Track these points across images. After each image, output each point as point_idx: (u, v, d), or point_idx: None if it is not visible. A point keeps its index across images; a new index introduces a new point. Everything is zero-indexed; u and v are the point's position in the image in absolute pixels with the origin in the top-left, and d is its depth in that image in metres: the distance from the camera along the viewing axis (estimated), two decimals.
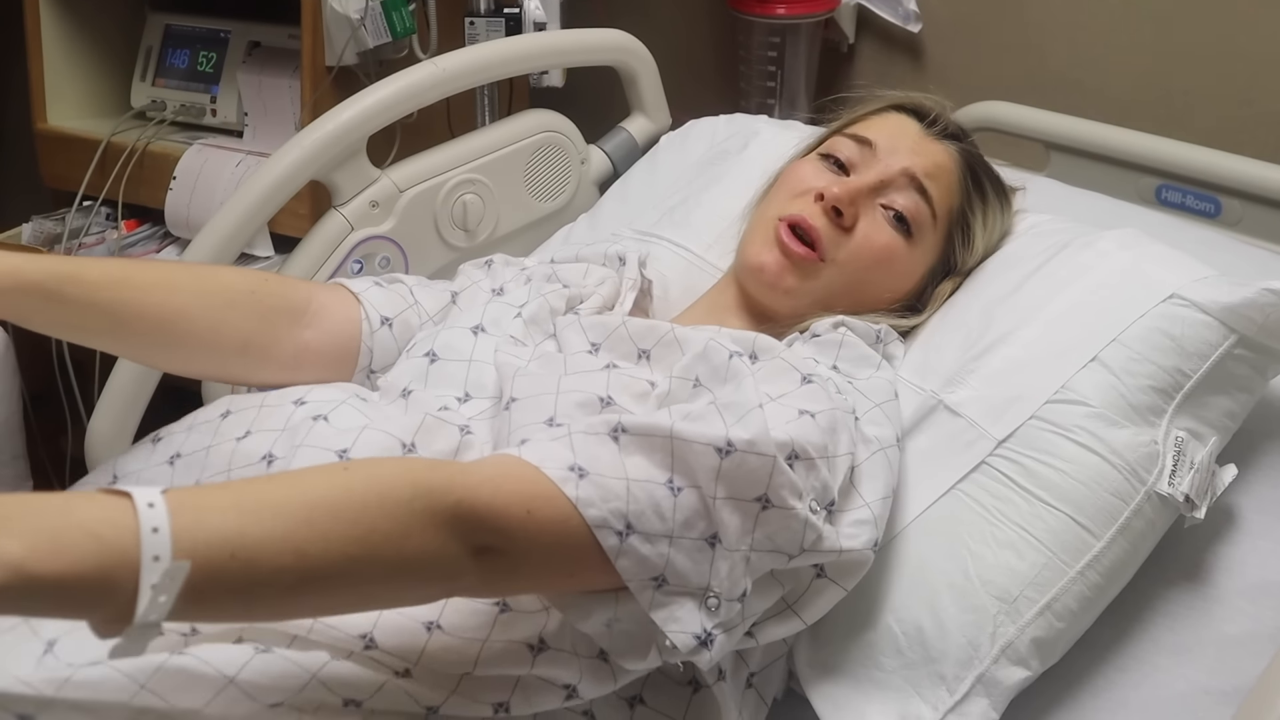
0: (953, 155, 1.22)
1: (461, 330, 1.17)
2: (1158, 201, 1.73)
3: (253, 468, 1.02)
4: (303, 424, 1.03)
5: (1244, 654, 1.07)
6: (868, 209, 1.18)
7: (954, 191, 1.21)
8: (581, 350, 1.13)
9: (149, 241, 1.89)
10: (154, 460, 1.08)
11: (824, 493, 0.95)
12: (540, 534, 0.83)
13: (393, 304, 1.23)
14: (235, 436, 1.06)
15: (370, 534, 0.76)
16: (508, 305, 1.20)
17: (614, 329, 1.14)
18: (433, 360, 1.14)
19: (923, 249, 1.20)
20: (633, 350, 1.13)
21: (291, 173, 1.43)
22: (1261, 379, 1.14)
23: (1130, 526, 1.06)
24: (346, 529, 0.75)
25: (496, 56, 1.62)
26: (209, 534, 0.70)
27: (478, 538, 0.80)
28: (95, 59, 2.00)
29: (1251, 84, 1.95)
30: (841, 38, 2.16)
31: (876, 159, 1.19)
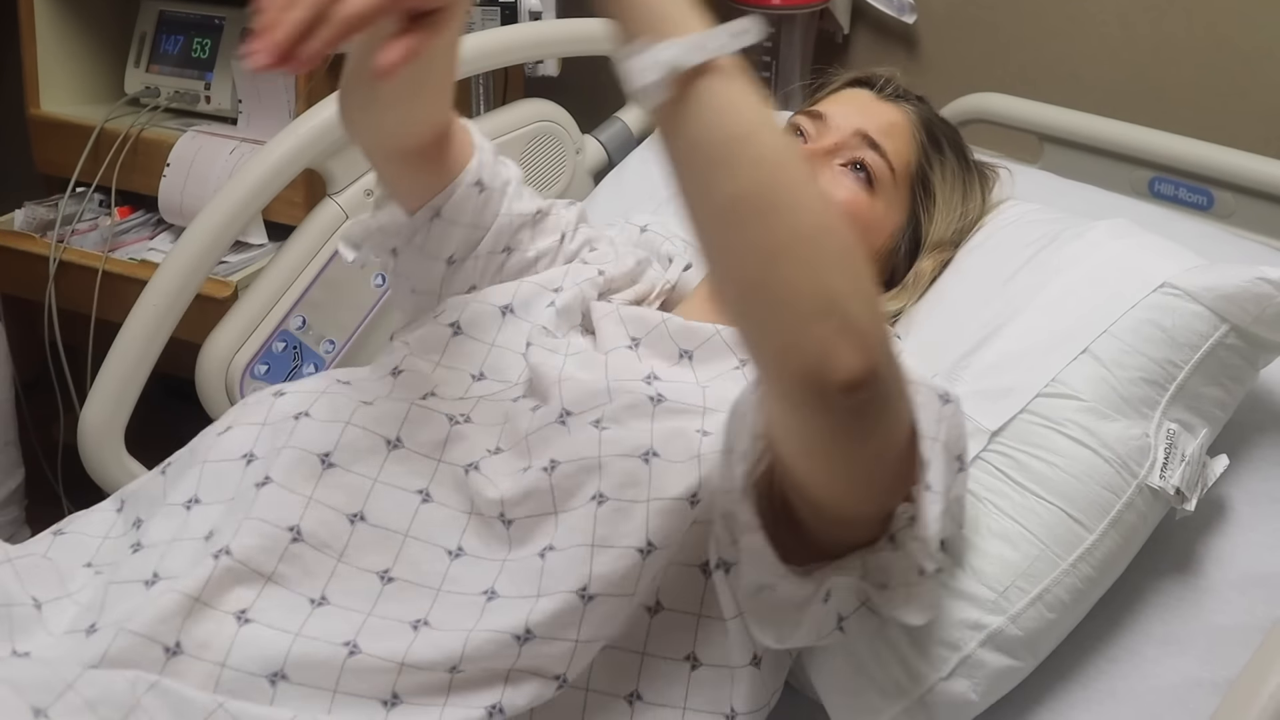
0: (905, 112, 1.25)
1: (490, 308, 1.16)
2: (1150, 194, 1.74)
3: (232, 464, 1.01)
4: (284, 423, 1.03)
5: (1234, 645, 1.07)
6: (825, 169, 1.20)
7: (909, 147, 1.23)
8: (621, 345, 1.13)
9: (142, 228, 1.89)
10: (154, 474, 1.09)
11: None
12: (903, 409, 0.81)
13: (491, 175, 1.19)
14: (216, 431, 1.06)
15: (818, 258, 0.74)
16: (540, 287, 1.19)
17: (654, 326, 1.14)
18: (456, 333, 1.14)
19: (885, 202, 1.21)
20: (674, 350, 1.13)
21: (286, 161, 1.43)
22: (1252, 369, 1.14)
23: (1122, 519, 1.07)
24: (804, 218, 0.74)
25: (492, 46, 1.62)
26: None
27: (876, 354, 0.74)
28: (89, 45, 1.99)
29: (1244, 77, 1.96)
30: (836, 28, 2.16)
31: (830, 127, 1.23)
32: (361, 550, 0.97)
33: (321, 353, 1.54)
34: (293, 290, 1.50)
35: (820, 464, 0.83)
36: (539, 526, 0.98)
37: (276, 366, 1.51)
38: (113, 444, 1.41)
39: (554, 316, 1.16)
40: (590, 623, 0.92)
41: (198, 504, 1.01)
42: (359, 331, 1.57)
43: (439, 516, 1.00)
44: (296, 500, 0.97)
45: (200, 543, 0.97)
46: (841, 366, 0.72)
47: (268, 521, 0.95)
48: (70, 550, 1.04)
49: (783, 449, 0.87)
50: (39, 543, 1.05)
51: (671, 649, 0.98)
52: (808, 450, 0.83)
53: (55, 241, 1.80)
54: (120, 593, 0.95)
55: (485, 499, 0.99)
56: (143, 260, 1.80)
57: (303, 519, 0.96)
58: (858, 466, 0.83)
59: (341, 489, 0.99)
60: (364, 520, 0.98)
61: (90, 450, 1.40)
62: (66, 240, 1.81)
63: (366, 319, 1.57)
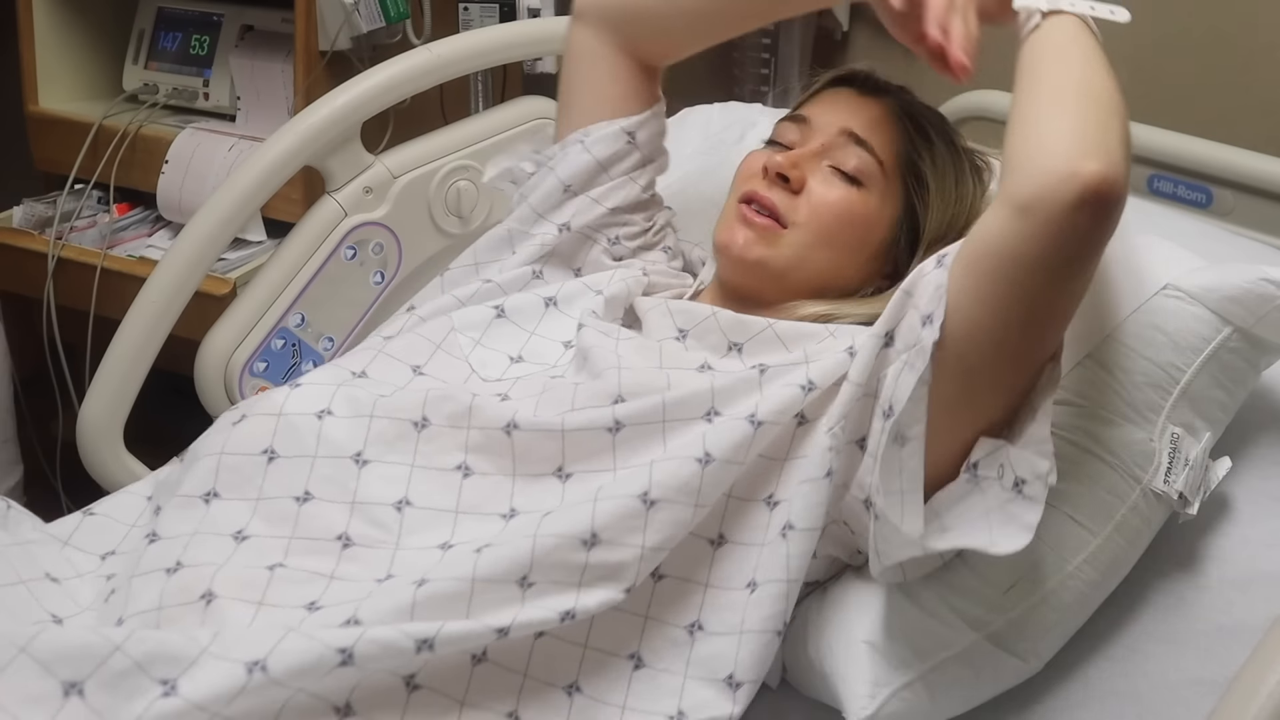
0: (888, 105, 1.25)
1: (535, 298, 1.22)
2: (1149, 191, 1.74)
3: (253, 459, 1.02)
4: (304, 420, 1.04)
5: (1235, 644, 1.07)
6: (815, 171, 1.20)
7: (896, 138, 1.23)
8: (669, 337, 1.16)
9: (141, 225, 1.89)
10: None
11: None
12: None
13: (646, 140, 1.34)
14: (231, 421, 1.07)
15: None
16: (585, 287, 1.24)
17: (703, 318, 1.16)
18: (499, 314, 1.20)
19: (879, 196, 1.21)
20: (723, 342, 1.15)
21: (285, 158, 1.43)
22: (1254, 371, 1.14)
23: (1126, 523, 1.07)
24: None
25: (491, 43, 1.62)
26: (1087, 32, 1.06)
27: (1122, 193, 0.90)
28: (87, 41, 1.99)
29: (1244, 74, 1.95)
30: (835, 25, 2.16)
31: (815, 130, 1.23)
32: (414, 533, 1.01)
33: (320, 350, 1.54)
34: (291, 288, 1.50)
35: (1020, 288, 0.94)
36: (596, 475, 1.03)
37: (275, 364, 1.51)
38: (111, 441, 1.40)
39: (602, 305, 1.19)
40: (654, 529, 0.97)
41: (216, 498, 1.02)
42: (358, 328, 1.57)
43: (484, 486, 1.04)
44: (339, 510, 1.01)
45: (229, 540, 0.99)
46: (1109, 173, 0.88)
47: (317, 538, 0.99)
48: (95, 533, 1.07)
49: (982, 280, 0.95)
50: (68, 523, 1.08)
51: (732, 580, 1.02)
52: (1009, 277, 0.93)
53: (54, 238, 1.80)
54: (142, 584, 0.96)
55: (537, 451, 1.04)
56: (141, 257, 1.80)
57: (349, 526, 1.00)
58: (1051, 295, 0.95)
59: (382, 480, 1.03)
60: (410, 505, 1.02)
61: (89, 448, 1.40)
62: (65, 237, 1.81)
63: (365, 316, 1.57)
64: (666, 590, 1.03)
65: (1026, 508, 0.95)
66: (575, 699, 0.99)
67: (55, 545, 1.05)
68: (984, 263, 0.95)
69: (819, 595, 1.11)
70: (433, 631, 0.89)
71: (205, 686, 0.83)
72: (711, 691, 1.00)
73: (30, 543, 1.04)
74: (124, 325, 1.39)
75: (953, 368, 0.96)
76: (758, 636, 1.00)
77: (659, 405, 1.05)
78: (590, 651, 0.99)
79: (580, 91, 1.33)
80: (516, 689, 0.97)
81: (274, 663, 0.84)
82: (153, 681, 0.83)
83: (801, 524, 1.02)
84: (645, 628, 1.01)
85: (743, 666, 1.00)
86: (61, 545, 1.05)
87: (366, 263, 1.54)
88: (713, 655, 1.01)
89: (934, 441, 0.95)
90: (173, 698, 0.82)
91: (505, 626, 0.92)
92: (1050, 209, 0.89)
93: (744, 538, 1.04)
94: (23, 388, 1.89)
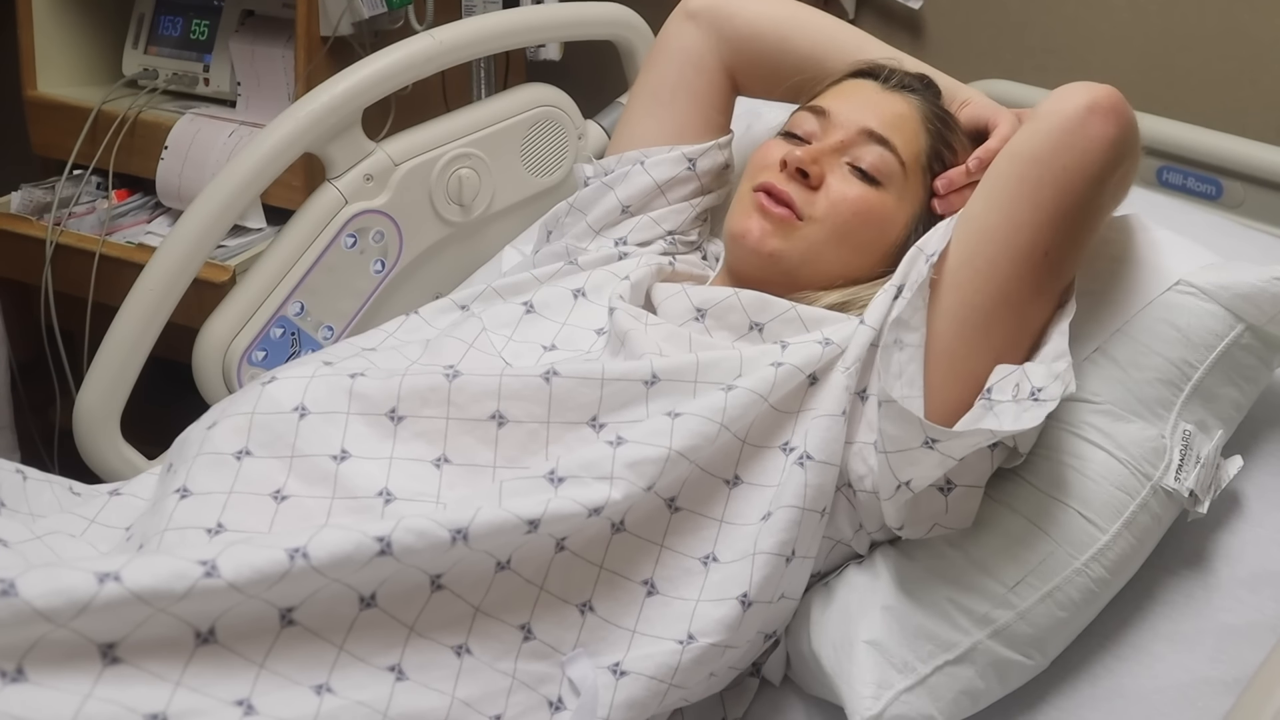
0: (911, 103, 1.22)
1: (564, 291, 1.24)
2: (1159, 183, 1.73)
3: (220, 457, 1.01)
4: (280, 421, 1.03)
5: (1244, 643, 1.06)
6: (834, 167, 1.18)
7: (918, 137, 1.21)
8: (688, 318, 1.18)
9: (140, 211, 1.87)
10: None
11: None
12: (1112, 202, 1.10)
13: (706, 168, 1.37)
14: (204, 426, 1.05)
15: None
16: (612, 274, 1.25)
17: (723, 298, 1.17)
18: (529, 310, 1.22)
19: (897, 196, 1.19)
20: (744, 321, 1.16)
21: (285, 145, 1.42)
22: (1267, 369, 1.13)
23: (1136, 520, 1.06)
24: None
25: (494, 29, 1.60)
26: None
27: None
28: (86, 26, 1.97)
29: (1254, 65, 1.94)
30: (842, 13, 2.14)
31: (835, 124, 1.21)
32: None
33: (320, 339, 1.53)
34: (291, 276, 1.48)
35: (1029, 184, 1.04)
36: (630, 427, 1.04)
37: (274, 353, 1.49)
38: (108, 430, 1.39)
39: (629, 290, 1.20)
40: (680, 435, 1.00)
41: (247, 455, 1.01)
42: (358, 318, 1.56)
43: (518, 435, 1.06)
44: (377, 466, 1.02)
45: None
46: (1107, 93, 1.05)
47: (358, 496, 1.00)
48: (118, 512, 1.07)
49: (994, 180, 1.07)
50: (92, 504, 1.08)
51: (747, 517, 1.04)
52: (1021, 175, 1.05)
53: (52, 224, 1.78)
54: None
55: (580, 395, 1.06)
56: (140, 244, 1.79)
57: (390, 478, 1.01)
58: (1058, 197, 1.03)
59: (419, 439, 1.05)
60: (448, 462, 1.04)
61: (85, 436, 1.39)
62: (63, 223, 1.80)
63: (365, 305, 1.55)
64: (682, 522, 1.04)
65: (1040, 408, 0.99)
66: (588, 617, 1.00)
67: (81, 523, 1.05)
68: (999, 166, 1.07)
69: (822, 590, 1.10)
70: (467, 519, 0.91)
71: (247, 568, 0.83)
72: (723, 610, 1.00)
73: (52, 534, 1.03)
74: (122, 312, 1.38)
75: (958, 281, 1.02)
76: (769, 559, 1.01)
77: (693, 364, 1.08)
78: (605, 573, 1.01)
79: (676, 92, 1.36)
80: (531, 601, 0.98)
81: (314, 549, 0.85)
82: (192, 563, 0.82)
83: (818, 455, 1.03)
84: (660, 556, 1.03)
85: (755, 586, 1.01)
86: (88, 523, 1.06)
87: (367, 251, 1.52)
88: (726, 579, 1.02)
89: (951, 372, 1.01)
90: (215, 578, 0.82)
91: (536, 517, 0.94)
92: (1066, 110, 1.04)
93: (759, 479, 1.06)
94: (20, 374, 1.88)
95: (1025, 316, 1.05)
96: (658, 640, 0.99)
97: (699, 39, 1.34)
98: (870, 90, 1.23)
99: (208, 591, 0.81)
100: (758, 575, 1.00)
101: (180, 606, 0.81)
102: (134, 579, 0.79)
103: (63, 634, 0.78)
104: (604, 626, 1.00)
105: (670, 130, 1.34)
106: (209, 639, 0.84)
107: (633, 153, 1.34)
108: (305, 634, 0.88)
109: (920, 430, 0.96)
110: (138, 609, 0.79)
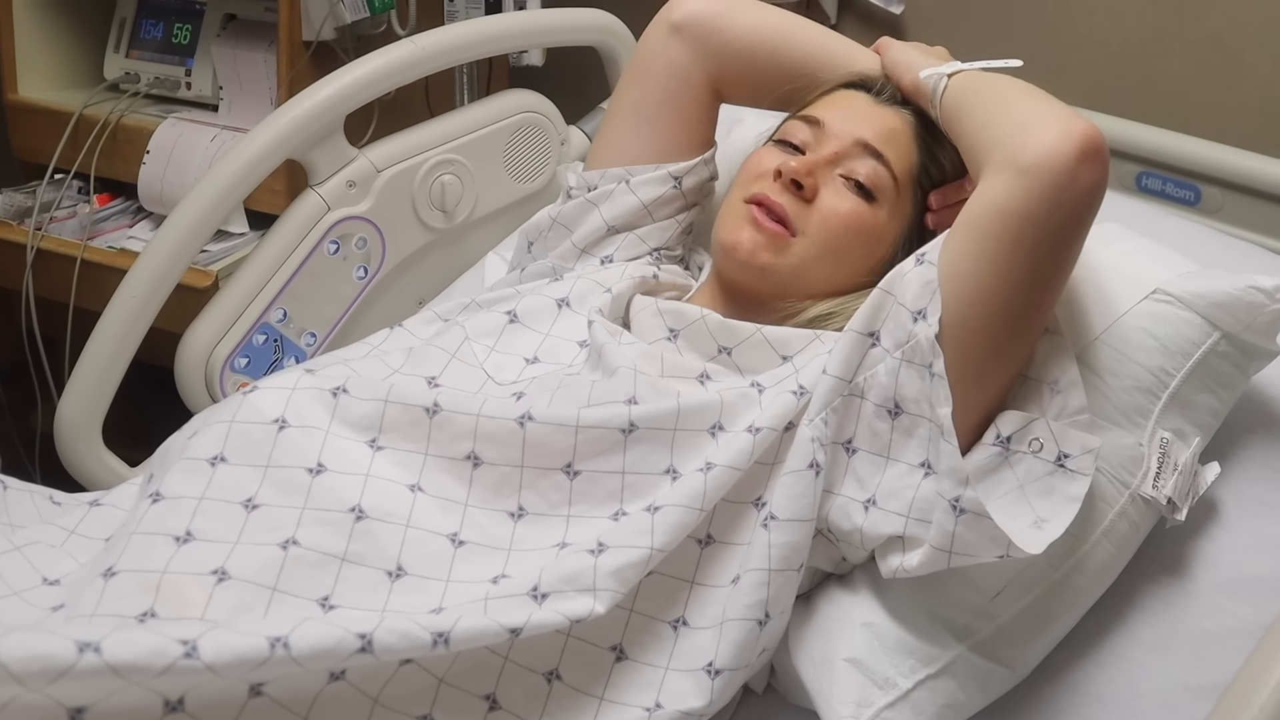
0: (904, 118, 1.21)
1: (547, 300, 1.23)
2: (1138, 188, 1.74)
3: (195, 462, 1.00)
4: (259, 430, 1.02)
5: (1221, 650, 1.07)
6: (827, 180, 1.18)
7: (910, 152, 1.20)
8: (660, 338, 1.17)
9: (122, 216, 1.87)
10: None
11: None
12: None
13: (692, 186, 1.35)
14: (186, 435, 1.05)
15: None
16: (596, 284, 1.24)
17: (693, 320, 1.16)
18: (512, 320, 1.21)
19: (889, 211, 1.19)
20: (712, 345, 1.16)
21: (267, 152, 1.42)
22: (1244, 376, 1.14)
23: (1114, 529, 1.07)
24: None
25: (476, 35, 1.60)
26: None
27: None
28: (68, 29, 1.97)
29: (1232, 72, 1.95)
30: (824, 19, 2.15)
31: (829, 135, 1.20)
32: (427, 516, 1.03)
33: (303, 345, 1.53)
34: (274, 282, 1.48)
35: (1023, 246, 1.00)
36: (604, 478, 1.04)
37: (257, 359, 1.49)
38: (90, 437, 1.39)
39: (609, 303, 1.20)
40: (660, 532, 0.99)
41: (222, 462, 1.01)
42: (340, 324, 1.56)
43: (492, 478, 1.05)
44: (352, 481, 1.02)
45: (240, 507, 0.99)
46: (1093, 129, 0.99)
47: (330, 509, 0.99)
48: (98, 522, 1.06)
49: (987, 241, 1.01)
50: (72, 515, 1.07)
51: (718, 578, 1.04)
52: (1015, 236, 1.00)
53: (33, 229, 1.77)
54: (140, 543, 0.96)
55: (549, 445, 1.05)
56: (122, 249, 1.78)
57: (364, 495, 1.00)
58: (1053, 252, 1.01)
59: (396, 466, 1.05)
60: (422, 491, 1.03)
61: (66, 444, 1.39)
62: (45, 228, 1.79)
63: (348, 312, 1.55)
64: (653, 586, 1.02)
65: (1070, 480, 0.99)
66: (554, 686, 0.99)
67: (60, 534, 1.05)
68: (989, 224, 1.01)
69: (802, 605, 1.10)
70: (449, 625, 0.90)
71: (228, 653, 0.82)
72: (690, 682, 1.00)
73: (31, 544, 1.02)
74: (104, 318, 1.38)
75: (954, 338, 1.00)
76: (738, 625, 1.00)
77: (673, 411, 1.05)
78: (573, 641, 0.99)
79: (661, 108, 1.33)
80: (497, 672, 0.97)
81: (296, 641, 0.83)
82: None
83: (783, 514, 1.02)
84: (630, 621, 1.02)
85: (722, 655, 1.00)
86: (68, 534, 1.05)
87: (350, 257, 1.53)
88: (695, 648, 1.01)
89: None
90: (194, 659, 0.80)
91: (519, 627, 0.93)
92: (1055, 164, 0.97)
93: (731, 538, 1.05)
94: (1, 380, 1.88)
95: (1018, 359, 1.05)
96: (624, 708, 0.99)
97: (684, 52, 1.31)
98: (863, 102, 1.22)
99: (185, 670, 0.80)
100: (725, 645, 1.00)
101: (155, 681, 0.81)
102: (113, 653, 0.78)
103: (35, 698, 0.77)
104: (571, 695, 0.99)
105: (655, 147, 1.33)
106: (177, 707, 0.83)
107: (617, 170, 1.32)
108: (272, 705, 0.88)
109: (1004, 548, 0.96)
110: (113, 681, 0.79)
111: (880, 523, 1.03)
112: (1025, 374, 1.08)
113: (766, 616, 1.01)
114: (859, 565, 1.11)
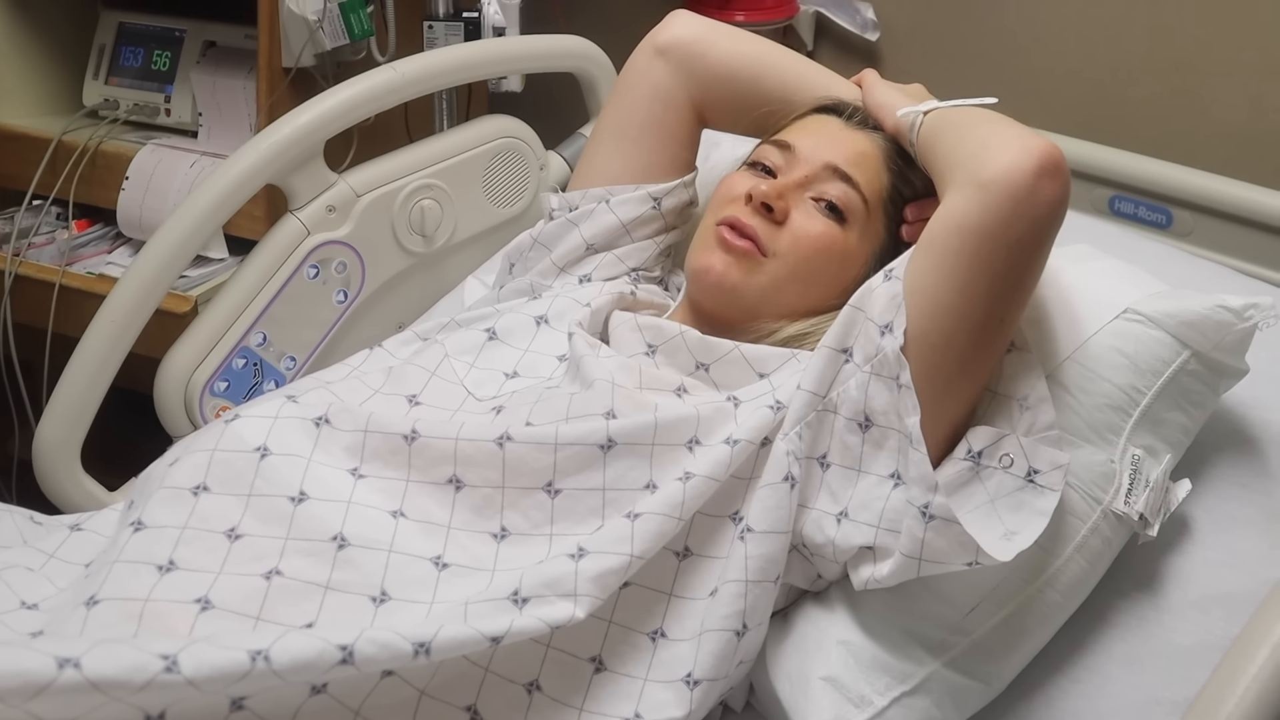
0: (875, 141, 1.23)
1: (527, 318, 1.24)
2: (1110, 212, 1.75)
3: (177, 491, 1.00)
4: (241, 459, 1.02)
5: (1195, 664, 1.08)
6: (798, 202, 1.19)
7: (881, 174, 1.22)
8: (638, 353, 1.18)
9: (100, 242, 1.87)
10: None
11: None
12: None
13: (670, 208, 1.37)
14: (167, 463, 1.05)
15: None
16: (575, 301, 1.25)
17: (671, 336, 1.18)
18: (491, 337, 1.22)
19: (860, 233, 1.20)
20: (690, 361, 1.17)
21: (247, 177, 1.42)
22: (1214, 394, 1.15)
23: (1087, 545, 1.08)
24: None
25: (455, 61, 1.61)
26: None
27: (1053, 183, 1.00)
28: (46, 56, 1.97)
29: (1203, 97, 1.98)
30: (800, 45, 2.17)
31: (800, 159, 1.21)
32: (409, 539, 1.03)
33: (282, 370, 1.53)
34: (253, 307, 1.48)
35: (983, 260, 1.01)
36: (585, 495, 1.05)
37: (236, 384, 1.49)
38: (68, 464, 1.39)
39: (588, 317, 1.21)
40: (640, 539, 1.00)
41: (204, 491, 1.00)
42: (320, 348, 1.56)
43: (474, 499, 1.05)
44: (334, 509, 1.02)
45: (223, 536, 0.98)
46: (1053, 147, 1.00)
47: (313, 539, 0.99)
48: (78, 548, 1.05)
49: (947, 256, 1.03)
50: (52, 538, 1.07)
51: (696, 590, 1.05)
52: (974, 251, 1.01)
53: (11, 255, 1.77)
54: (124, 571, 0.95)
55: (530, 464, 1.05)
56: (101, 274, 1.78)
57: (347, 523, 1.01)
58: (1012, 266, 1.02)
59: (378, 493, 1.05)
60: (404, 516, 1.03)
61: (45, 470, 1.38)
62: (23, 254, 1.79)
63: (328, 336, 1.56)
64: (632, 598, 1.03)
65: (1039, 495, 1.01)
66: (534, 697, 0.99)
67: (39, 557, 1.04)
68: (949, 239, 1.03)
69: (780, 623, 1.11)
70: (430, 634, 0.90)
71: (208, 667, 0.81)
72: (669, 693, 1.00)
73: (9, 568, 1.02)
74: (82, 343, 1.38)
75: (918, 352, 1.02)
76: (716, 636, 1.01)
77: (650, 425, 1.06)
78: (553, 652, 1.00)
79: (644, 129, 1.35)
80: (478, 683, 0.97)
81: (277, 654, 0.83)
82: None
83: (759, 526, 1.03)
84: (608, 632, 1.02)
85: (701, 666, 1.01)
86: (47, 558, 1.04)
87: (329, 282, 1.53)
88: (673, 659, 1.02)
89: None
90: (174, 674, 0.80)
91: (500, 635, 0.93)
92: (1014, 179, 0.99)
93: (709, 551, 1.06)
94: None
95: (982, 373, 1.07)
96: (604, 718, 0.99)
97: (668, 75, 1.33)
98: (834, 126, 1.24)
99: (166, 685, 0.80)
100: (704, 655, 1.01)
101: (136, 696, 0.80)
102: (93, 668, 0.78)
103: (14, 714, 0.77)
104: (552, 706, 0.99)
105: (637, 168, 1.34)
106: None
107: (598, 190, 1.34)
108: (254, 719, 0.88)
109: (973, 554, 0.98)
110: (93, 696, 0.78)
111: (851, 534, 1.04)
112: (995, 390, 1.09)
113: (744, 627, 1.02)
114: (835, 583, 1.12)
